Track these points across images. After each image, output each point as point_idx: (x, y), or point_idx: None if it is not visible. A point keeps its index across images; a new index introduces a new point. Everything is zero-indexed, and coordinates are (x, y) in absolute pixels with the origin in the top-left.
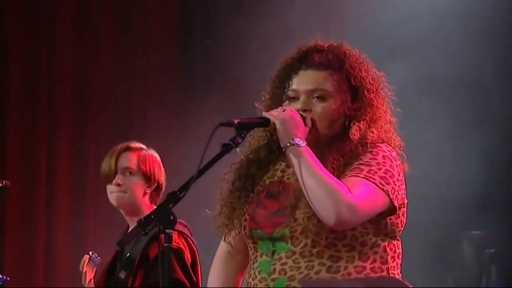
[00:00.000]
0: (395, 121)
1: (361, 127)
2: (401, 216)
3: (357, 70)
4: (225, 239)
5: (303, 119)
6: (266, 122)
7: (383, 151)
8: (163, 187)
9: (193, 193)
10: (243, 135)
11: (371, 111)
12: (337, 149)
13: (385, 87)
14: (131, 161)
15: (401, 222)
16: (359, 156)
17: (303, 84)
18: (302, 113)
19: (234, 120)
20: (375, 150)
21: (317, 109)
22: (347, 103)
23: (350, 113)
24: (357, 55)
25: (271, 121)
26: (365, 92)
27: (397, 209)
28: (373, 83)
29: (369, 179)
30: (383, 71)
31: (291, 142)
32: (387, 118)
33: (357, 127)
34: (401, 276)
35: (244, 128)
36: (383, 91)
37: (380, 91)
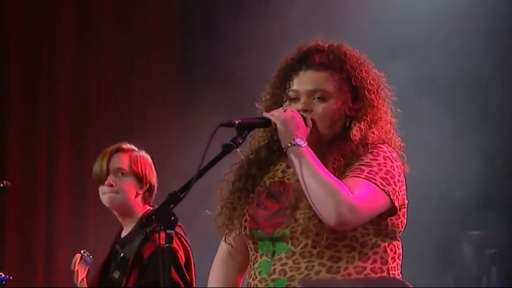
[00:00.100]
0: (395, 122)
1: (361, 128)
2: (401, 216)
3: (358, 70)
4: (225, 239)
5: (304, 119)
6: (267, 122)
7: (383, 152)
8: (155, 189)
9: (194, 193)
10: (244, 136)
11: (372, 112)
12: (338, 150)
13: (385, 87)
14: (123, 162)
15: (401, 222)
16: (359, 156)
17: (304, 84)
18: (302, 113)
19: (235, 120)
20: (376, 151)
21: (318, 109)
22: (348, 104)
23: (351, 113)
24: (358, 55)
25: (272, 121)
26: (366, 92)
27: (397, 209)
28: (373, 84)
29: (370, 179)
30: (383, 71)
31: (292, 142)
32: (388, 118)
33: (357, 128)
34: (401, 276)
35: (245, 128)
36: (383, 92)
37: (380, 91)
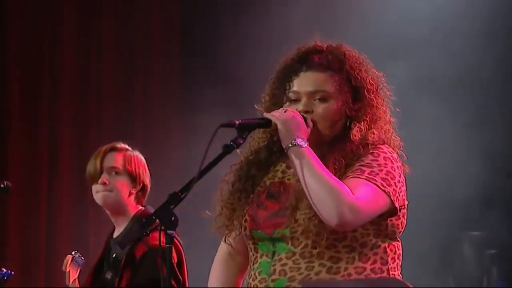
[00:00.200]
0: (394, 121)
1: (361, 128)
2: (401, 217)
3: (357, 70)
4: (225, 240)
5: (304, 120)
6: (267, 122)
7: (384, 153)
8: (148, 189)
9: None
10: (244, 136)
11: (371, 112)
12: (338, 150)
13: (385, 87)
14: (117, 161)
15: (401, 223)
16: (360, 157)
17: (304, 85)
18: (303, 114)
19: (235, 120)
20: (376, 151)
21: (319, 110)
22: (348, 104)
23: (351, 113)
24: (357, 55)
25: (272, 122)
26: (365, 92)
27: (398, 210)
28: (373, 83)
29: (370, 180)
30: (383, 71)
31: (293, 142)
32: (387, 118)
33: (358, 128)
34: (401, 276)
35: (245, 129)
36: (382, 92)
37: (379, 91)
